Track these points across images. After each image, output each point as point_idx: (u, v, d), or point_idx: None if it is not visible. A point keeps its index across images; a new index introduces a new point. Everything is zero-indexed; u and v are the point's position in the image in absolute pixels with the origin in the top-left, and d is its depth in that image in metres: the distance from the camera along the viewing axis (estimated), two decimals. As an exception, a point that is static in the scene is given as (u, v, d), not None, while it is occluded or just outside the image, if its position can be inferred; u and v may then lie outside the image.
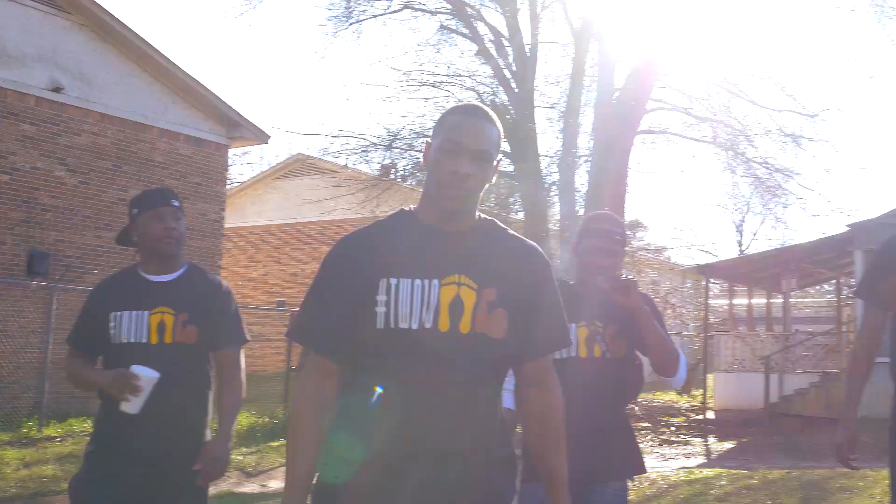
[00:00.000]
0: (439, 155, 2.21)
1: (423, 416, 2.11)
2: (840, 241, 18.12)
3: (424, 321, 2.13)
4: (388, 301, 2.14)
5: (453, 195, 2.19)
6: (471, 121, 2.23)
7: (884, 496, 7.24)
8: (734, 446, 14.03)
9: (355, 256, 2.23)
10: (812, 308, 32.13)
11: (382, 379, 2.14)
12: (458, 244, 2.23)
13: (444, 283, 2.16)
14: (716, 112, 21.26)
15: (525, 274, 2.26)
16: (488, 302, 2.17)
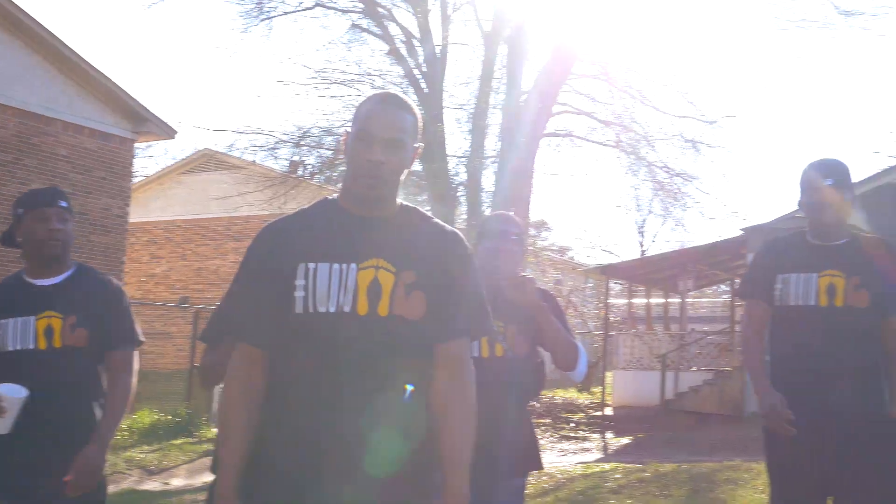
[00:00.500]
0: (354, 144, 2.25)
1: (343, 398, 2.12)
2: (735, 243, 18.74)
3: (343, 304, 2.15)
4: (306, 285, 2.17)
5: (368, 183, 2.23)
6: (384, 109, 2.27)
7: (766, 487, 7.66)
8: (630, 442, 14.47)
9: (275, 243, 2.26)
10: (708, 308, 33.09)
11: (303, 363, 2.16)
12: (378, 229, 2.26)
13: (362, 267, 2.18)
14: (619, 117, 21.78)
15: (444, 258, 2.28)
16: (406, 284, 2.19)
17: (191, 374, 14.03)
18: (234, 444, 2.19)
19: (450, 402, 2.23)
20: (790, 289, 3.33)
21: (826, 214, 3.34)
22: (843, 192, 3.34)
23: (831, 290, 3.28)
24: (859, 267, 3.31)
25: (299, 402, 2.16)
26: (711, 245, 20.05)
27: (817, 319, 3.29)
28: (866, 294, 3.28)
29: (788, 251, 3.46)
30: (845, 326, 3.27)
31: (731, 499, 7.39)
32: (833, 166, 3.39)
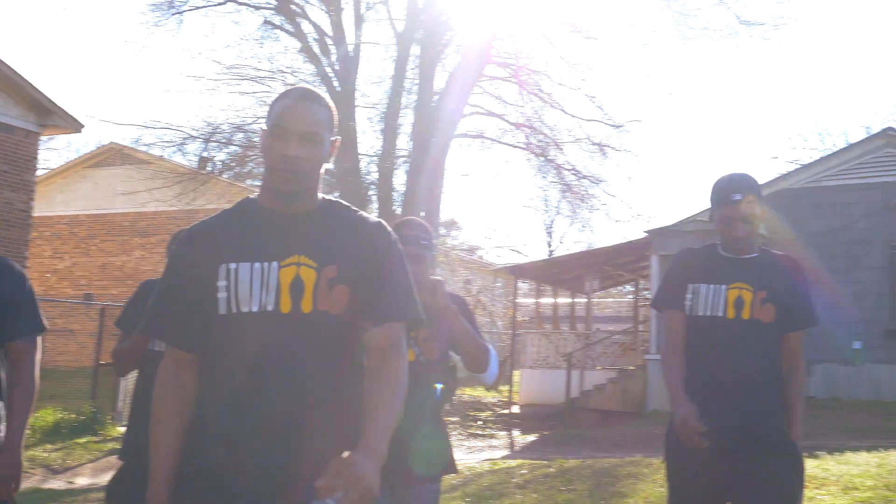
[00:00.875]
0: (269, 140, 2.23)
1: (270, 397, 2.10)
2: (639, 245, 19.24)
3: (266, 303, 2.14)
4: (228, 286, 2.16)
5: (284, 178, 2.20)
6: (297, 104, 2.25)
7: (665, 481, 7.96)
8: (536, 439, 14.76)
9: (196, 246, 2.25)
10: (613, 308, 33.82)
11: (229, 364, 2.15)
12: (299, 226, 2.24)
13: (283, 265, 2.17)
14: (529, 119, 22.12)
15: (367, 249, 2.25)
16: (329, 279, 2.17)
17: (96, 372, 13.79)
18: (164, 449, 2.18)
19: (380, 376, 2.15)
20: (699, 299, 3.37)
21: (737, 229, 3.34)
22: (754, 207, 3.36)
23: (739, 302, 3.33)
24: (767, 281, 3.36)
25: (226, 402, 2.14)
26: (617, 246, 20.55)
27: (724, 330, 3.32)
28: (772, 308, 3.33)
29: (700, 262, 3.47)
30: (750, 339, 3.32)
31: (632, 492, 7.65)
32: (745, 181, 3.40)
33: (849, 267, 16.73)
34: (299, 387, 2.12)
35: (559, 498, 7.63)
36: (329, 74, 20.45)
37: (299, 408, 2.11)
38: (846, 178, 18.04)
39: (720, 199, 3.38)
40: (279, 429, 2.10)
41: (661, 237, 18.14)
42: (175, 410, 2.20)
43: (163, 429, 2.20)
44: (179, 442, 2.18)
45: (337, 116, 2.34)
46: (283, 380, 2.12)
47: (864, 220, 17.36)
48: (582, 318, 24.49)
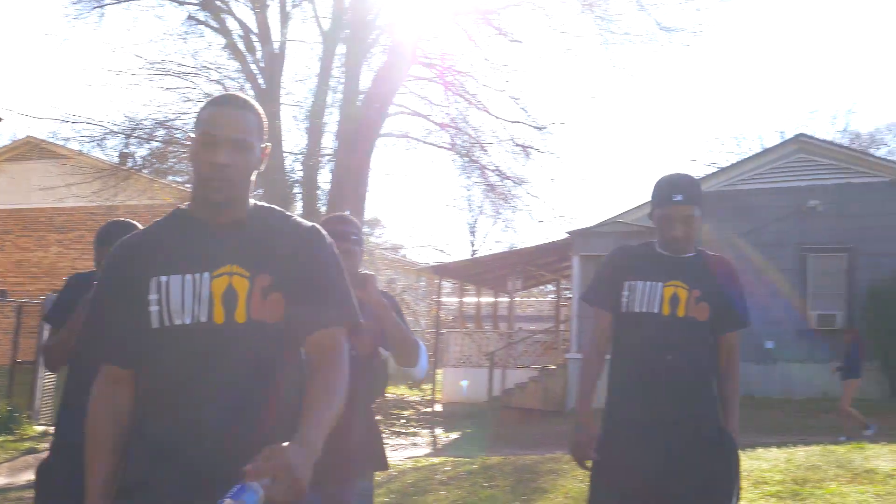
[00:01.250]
0: (198, 148, 2.19)
1: (207, 409, 2.06)
2: (560, 246, 19.56)
3: (199, 315, 2.10)
4: (159, 299, 2.12)
5: (214, 186, 2.16)
6: (226, 110, 2.20)
7: (585, 476, 8.17)
8: (459, 437, 14.92)
9: (128, 259, 2.21)
10: (534, 307, 34.27)
11: (164, 377, 2.11)
12: (230, 235, 2.20)
13: (215, 275, 2.13)
14: (454, 120, 22.27)
15: (302, 255, 2.22)
16: (262, 288, 2.14)
17: (12, 370, 13.48)
18: (100, 467, 2.14)
19: (320, 379, 2.12)
20: (636, 295, 3.37)
21: (676, 230, 3.35)
22: (694, 208, 3.35)
23: (674, 300, 3.34)
24: (702, 281, 3.37)
25: (163, 416, 2.10)
26: (539, 247, 20.85)
27: (658, 327, 3.33)
28: (707, 307, 3.35)
29: (636, 259, 3.49)
30: (684, 337, 3.34)
31: (553, 488, 7.82)
32: (686, 183, 3.40)
33: (762, 268, 17.25)
34: (236, 398, 2.08)
35: (482, 494, 7.77)
36: (254, 72, 20.30)
37: (237, 419, 2.08)
38: (760, 182, 18.65)
39: (661, 199, 3.37)
40: (217, 441, 2.05)
41: (582, 238, 18.48)
42: (111, 430, 2.16)
43: (98, 447, 2.16)
44: (115, 461, 2.15)
45: (266, 122, 2.31)
46: (219, 391, 2.08)
47: (778, 224, 17.97)
48: (504, 318, 24.78)
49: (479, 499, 7.56)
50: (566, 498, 7.36)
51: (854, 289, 17.39)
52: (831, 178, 18.05)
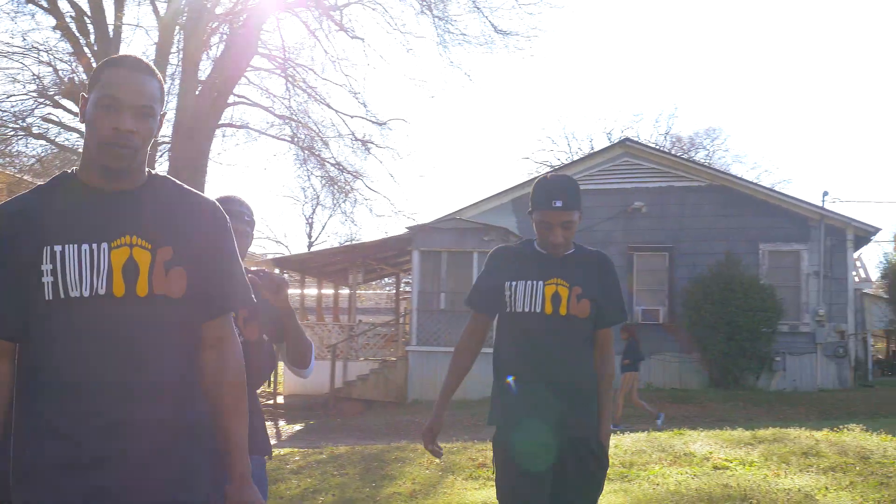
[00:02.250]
0: (98, 111, 2.07)
1: (105, 384, 2.00)
2: (401, 241, 19.95)
3: (97, 287, 2.01)
4: (54, 270, 2.01)
5: (117, 154, 2.06)
6: (132, 75, 2.10)
7: (430, 463, 8.58)
8: (302, 428, 15.05)
9: (14, 226, 2.06)
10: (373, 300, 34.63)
11: (59, 351, 2.01)
12: (127, 203, 2.11)
13: (114, 246, 2.04)
14: (295, 112, 22.32)
15: (203, 231, 2.18)
16: (164, 261, 2.08)
17: None
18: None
19: (222, 382, 2.18)
20: (518, 295, 3.36)
21: (556, 235, 3.32)
22: (574, 213, 3.34)
23: (556, 298, 3.33)
24: (582, 277, 3.38)
25: (57, 391, 2.01)
26: (380, 241, 21.19)
27: (542, 326, 3.33)
28: (587, 304, 3.36)
29: (516, 259, 3.47)
30: (567, 335, 3.36)
31: (401, 475, 8.16)
32: (565, 187, 3.36)
33: (591, 265, 18.19)
34: (136, 373, 2.02)
35: (333, 482, 8.02)
36: (88, 55, 19.72)
37: (137, 395, 2.02)
38: (590, 183, 19.63)
39: (540, 202, 3.34)
40: (117, 418, 2.00)
41: (422, 234, 18.94)
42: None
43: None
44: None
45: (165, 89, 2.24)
46: (119, 366, 2.01)
47: (606, 224, 19.02)
48: (345, 310, 25.01)
49: (330, 486, 7.81)
50: (413, 483, 7.71)
51: (675, 285, 18.68)
52: (654, 182, 19.29)
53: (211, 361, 2.19)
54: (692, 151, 45.02)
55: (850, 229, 18.69)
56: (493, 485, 7.19)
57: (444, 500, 6.91)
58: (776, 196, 19.83)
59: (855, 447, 8.50)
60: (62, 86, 19.77)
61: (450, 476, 7.85)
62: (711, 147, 46.64)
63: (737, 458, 8.18)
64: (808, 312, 18.48)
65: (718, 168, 32.20)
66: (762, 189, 20.65)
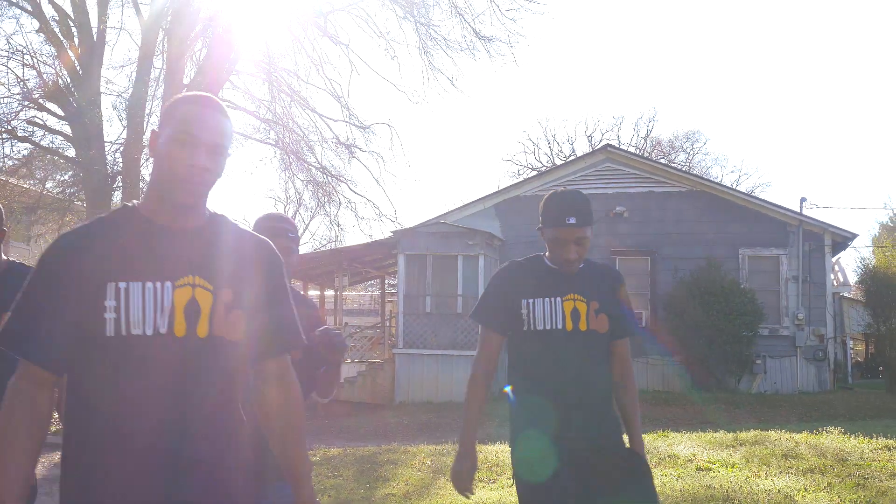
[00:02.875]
0: (172, 147, 2.08)
1: (164, 423, 2.01)
2: (386, 244, 20.12)
3: (159, 326, 2.01)
4: (117, 307, 2.00)
5: (190, 190, 2.08)
6: (207, 112, 2.13)
7: (421, 465, 8.77)
8: (290, 430, 15.15)
9: (76, 257, 2.05)
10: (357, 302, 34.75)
11: (116, 388, 2.00)
12: (190, 242, 2.12)
13: (178, 286, 2.05)
14: (279, 117, 22.42)
15: (260, 274, 2.20)
16: (225, 304, 2.09)
17: None
18: (15, 469, 2.00)
19: (285, 419, 2.24)
20: (537, 313, 3.28)
21: (570, 252, 3.26)
22: (587, 229, 3.26)
23: (575, 314, 3.27)
24: (598, 292, 3.33)
25: (115, 428, 2.00)
26: (366, 245, 21.33)
27: (564, 343, 3.26)
28: (606, 318, 3.30)
29: (530, 276, 3.38)
30: (589, 350, 3.29)
31: (394, 476, 8.34)
32: (579, 203, 3.28)
33: (574, 269, 18.45)
34: (192, 412, 2.04)
35: (327, 483, 8.19)
36: (71, 58, 19.75)
37: (192, 435, 2.04)
38: (572, 187, 19.91)
39: (553, 219, 3.26)
40: (172, 459, 2.01)
41: (407, 237, 19.11)
42: (28, 433, 2.02)
43: (13, 451, 2.00)
44: (30, 464, 2.03)
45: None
46: (175, 406, 2.02)
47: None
48: (331, 312, 25.11)
49: (325, 487, 7.97)
50: (407, 485, 7.90)
51: (657, 289, 18.96)
52: (636, 187, 19.57)
53: (273, 398, 2.25)
54: (672, 154, 45.35)
55: (828, 235, 19.03)
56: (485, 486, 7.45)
57: (437, 501, 7.09)
58: (756, 202, 20.18)
59: (833, 449, 8.77)
60: (46, 88, 19.77)
61: (442, 478, 8.03)
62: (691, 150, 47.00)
63: (719, 459, 8.43)
64: (787, 316, 18.82)
65: (699, 174, 32.56)
66: (742, 195, 21.02)
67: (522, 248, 19.65)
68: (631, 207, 19.41)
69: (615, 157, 20.32)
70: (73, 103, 19.47)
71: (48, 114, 20.12)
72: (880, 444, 8.97)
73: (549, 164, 43.83)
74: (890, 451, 8.59)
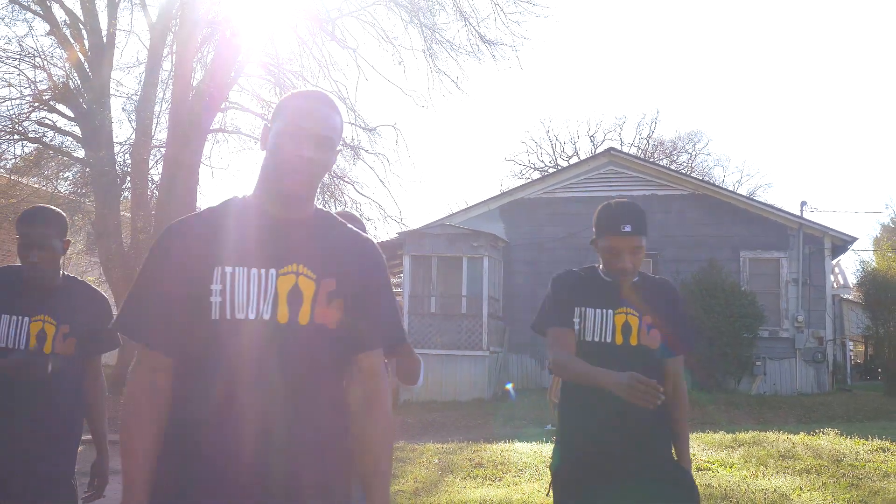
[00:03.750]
0: (282, 139, 2.13)
1: (260, 409, 2.01)
2: (391, 245, 20.31)
3: (262, 312, 2.04)
4: (223, 290, 2.03)
5: (298, 180, 2.12)
6: (317, 106, 2.17)
7: (429, 463, 9.00)
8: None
9: (186, 244, 2.10)
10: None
11: (216, 372, 2.02)
12: (297, 232, 2.15)
13: (282, 273, 2.08)
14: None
15: (363, 267, 2.21)
16: (328, 292, 2.10)
17: None
18: (142, 457, 2.04)
19: (370, 416, 2.19)
20: (588, 323, 3.19)
21: (624, 261, 3.18)
22: (642, 238, 3.19)
23: (626, 328, 3.18)
24: (651, 307, 3.23)
25: (211, 413, 2.01)
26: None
27: (613, 357, 3.12)
28: (657, 334, 3.20)
29: (583, 285, 3.28)
30: (639, 366, 3.08)
31: (402, 474, 8.53)
32: (634, 212, 3.21)
33: (577, 270, 18.68)
34: (292, 399, 2.05)
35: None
36: (81, 60, 19.96)
37: (292, 421, 2.04)
38: (575, 190, 20.20)
39: (608, 228, 3.19)
40: (273, 443, 2.01)
41: (412, 239, 19.35)
42: (151, 417, 2.06)
43: (139, 436, 2.05)
44: (156, 448, 2.06)
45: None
46: (275, 391, 2.03)
47: (590, 229, 19.36)
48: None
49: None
50: (416, 482, 8.11)
51: (658, 291, 19.15)
52: (638, 190, 19.78)
53: (359, 394, 2.20)
54: (674, 155, 45.47)
55: (828, 238, 19.25)
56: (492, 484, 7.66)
57: (445, 497, 7.31)
58: (757, 205, 20.43)
59: (829, 450, 9.01)
60: (56, 90, 20.00)
61: (449, 475, 8.27)
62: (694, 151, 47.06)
63: (718, 459, 8.67)
64: (787, 318, 19.05)
65: (701, 176, 32.77)
66: (744, 199, 21.22)
67: (525, 251, 19.98)
68: (633, 210, 19.60)
69: (618, 161, 20.56)
70: (83, 104, 19.69)
71: (58, 115, 20.35)
72: (875, 446, 9.21)
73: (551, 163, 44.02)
74: (884, 453, 8.83)
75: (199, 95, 19.85)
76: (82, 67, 20.08)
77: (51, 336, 3.30)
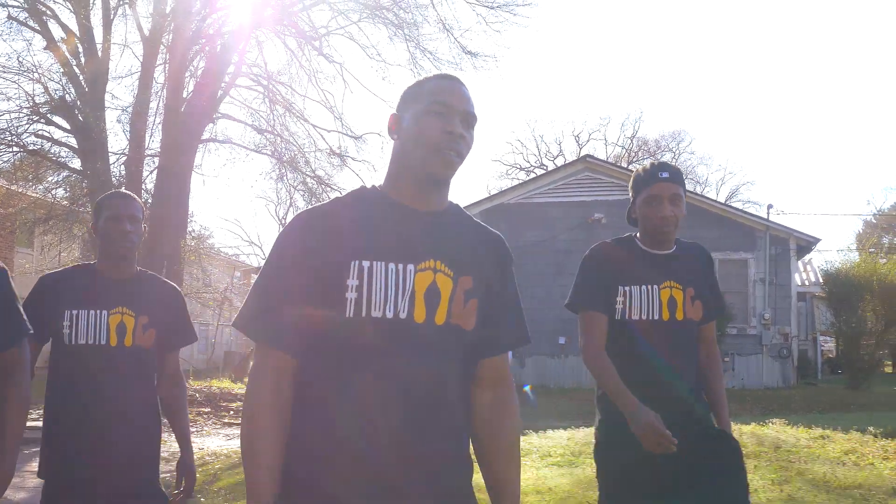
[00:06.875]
0: (427, 118, 1.98)
1: (399, 412, 1.87)
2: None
3: (399, 310, 1.89)
4: (360, 286, 1.88)
5: (447, 160, 1.97)
6: (456, 84, 2.06)
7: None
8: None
9: (318, 236, 1.95)
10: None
11: (351, 373, 1.88)
12: (432, 225, 2.01)
13: (419, 269, 1.93)
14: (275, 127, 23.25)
15: (496, 265, 2.09)
16: (465, 291, 1.97)
17: None
18: (269, 463, 1.88)
19: (502, 423, 2.09)
20: (634, 302, 3.12)
21: (665, 209, 3.13)
22: (680, 188, 3.14)
23: (672, 303, 3.11)
24: (692, 278, 3.19)
25: (345, 414, 1.88)
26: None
27: (661, 334, 3.09)
28: (700, 305, 3.16)
29: (625, 260, 3.21)
30: (685, 340, 3.12)
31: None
32: (668, 164, 3.18)
33: (555, 272, 19.61)
34: (425, 402, 1.91)
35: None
36: (77, 73, 20.49)
37: (429, 428, 1.91)
38: (553, 196, 21.05)
39: (646, 180, 3.14)
40: (411, 449, 1.88)
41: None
42: (274, 423, 1.91)
43: (261, 444, 1.89)
44: (279, 457, 1.90)
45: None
46: (409, 393, 1.89)
47: (568, 233, 20.37)
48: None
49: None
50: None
51: (632, 292, 19.93)
52: (613, 195, 20.57)
53: (491, 399, 2.11)
54: (658, 154, 45.97)
55: (793, 239, 20.14)
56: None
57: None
58: (727, 209, 21.37)
59: (772, 438, 9.71)
60: (53, 103, 20.56)
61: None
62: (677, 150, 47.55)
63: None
64: (754, 316, 19.94)
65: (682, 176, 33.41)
66: (714, 203, 22.10)
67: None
68: (608, 214, 20.43)
69: (593, 167, 21.42)
70: (79, 117, 20.23)
71: (55, 127, 20.93)
72: (817, 434, 9.79)
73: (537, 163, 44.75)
74: (824, 440, 9.48)
75: (192, 107, 20.40)
76: (78, 81, 20.61)
77: (130, 328, 3.22)
